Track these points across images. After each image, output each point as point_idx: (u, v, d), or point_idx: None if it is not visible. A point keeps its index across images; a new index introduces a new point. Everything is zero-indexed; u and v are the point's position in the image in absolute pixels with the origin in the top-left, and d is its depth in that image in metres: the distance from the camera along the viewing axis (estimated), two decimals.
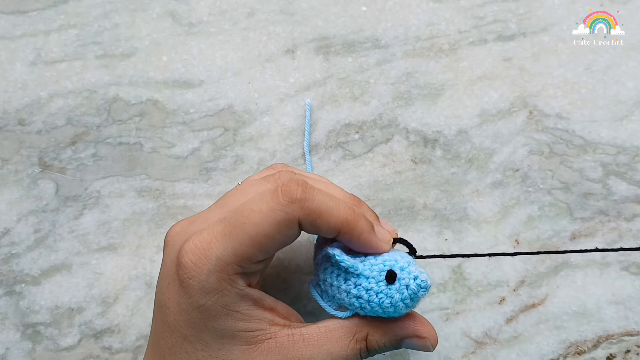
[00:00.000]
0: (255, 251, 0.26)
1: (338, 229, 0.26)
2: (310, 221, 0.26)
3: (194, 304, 0.26)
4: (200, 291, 0.26)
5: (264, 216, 0.25)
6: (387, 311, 0.28)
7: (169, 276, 0.27)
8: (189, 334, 0.26)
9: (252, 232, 0.25)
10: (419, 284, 0.27)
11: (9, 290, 0.38)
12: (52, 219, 0.39)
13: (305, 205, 0.26)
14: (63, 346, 0.38)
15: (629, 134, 0.38)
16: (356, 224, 0.27)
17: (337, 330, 0.28)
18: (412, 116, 0.39)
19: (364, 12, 0.40)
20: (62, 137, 0.40)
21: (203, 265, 0.26)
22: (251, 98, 0.40)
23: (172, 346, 0.27)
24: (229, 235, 0.26)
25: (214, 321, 0.26)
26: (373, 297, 0.27)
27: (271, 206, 0.26)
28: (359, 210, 0.28)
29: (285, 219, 0.25)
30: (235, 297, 0.26)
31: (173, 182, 0.39)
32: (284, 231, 0.26)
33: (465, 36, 0.40)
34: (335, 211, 0.26)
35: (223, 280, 0.26)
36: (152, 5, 0.41)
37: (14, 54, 0.41)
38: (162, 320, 0.27)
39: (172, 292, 0.27)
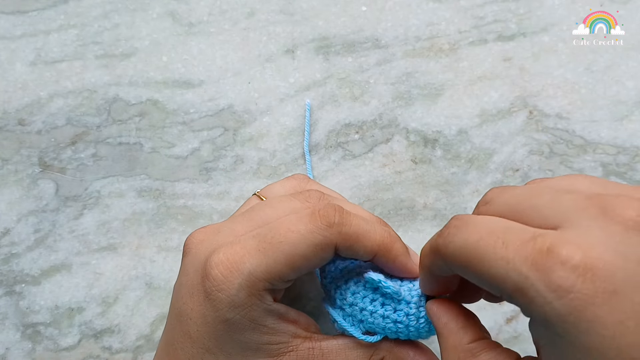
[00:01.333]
0: (289, 271, 0.26)
1: (375, 252, 0.27)
2: (348, 245, 0.26)
3: (220, 317, 0.26)
4: (228, 305, 0.26)
5: (302, 237, 0.25)
6: (422, 335, 0.28)
7: (193, 286, 0.27)
8: (212, 345, 0.26)
9: (288, 252, 0.25)
10: None
11: (9, 290, 0.38)
12: (52, 219, 0.39)
13: (343, 230, 0.26)
14: (63, 346, 0.38)
15: (629, 134, 0.38)
16: (392, 246, 0.27)
17: (355, 349, 0.28)
18: (412, 116, 0.39)
19: (364, 12, 0.40)
20: (62, 137, 0.40)
21: (234, 279, 0.25)
22: (251, 98, 0.40)
23: (193, 357, 0.27)
24: (263, 252, 0.26)
25: (239, 334, 0.26)
26: (413, 322, 0.27)
27: (310, 229, 0.26)
28: (394, 233, 0.28)
29: (323, 242, 0.26)
30: (263, 312, 0.26)
31: (173, 182, 0.39)
32: (320, 254, 0.26)
33: (465, 36, 0.40)
34: (372, 234, 0.27)
35: (253, 296, 0.26)
36: (152, 5, 0.41)
37: (14, 54, 0.41)
38: (183, 331, 0.27)
39: (195, 303, 0.27)
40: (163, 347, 0.29)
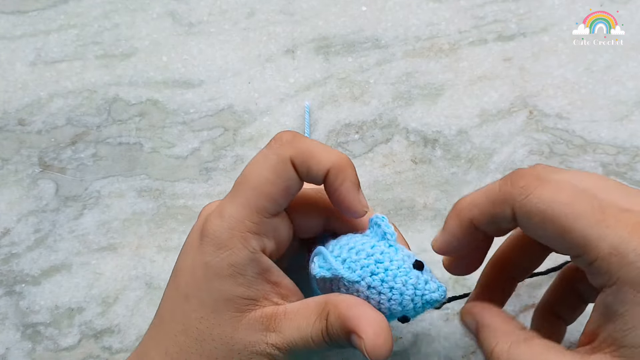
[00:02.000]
0: (262, 201, 0.27)
1: (327, 168, 0.27)
2: (302, 159, 0.27)
3: (203, 259, 0.27)
4: (213, 246, 0.27)
5: (259, 164, 0.27)
6: (404, 301, 0.27)
7: (193, 241, 0.28)
8: (190, 292, 0.27)
9: (253, 184, 0.27)
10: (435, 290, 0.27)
11: (9, 290, 0.38)
12: (52, 219, 0.39)
13: (295, 145, 0.27)
14: (63, 346, 0.38)
15: (629, 134, 0.38)
16: (346, 168, 0.27)
17: (310, 306, 0.27)
18: (412, 116, 0.39)
19: (364, 12, 0.40)
20: (62, 137, 0.40)
21: (219, 223, 0.27)
22: (251, 98, 0.40)
23: (173, 305, 0.28)
24: (237, 193, 0.27)
25: (217, 280, 0.27)
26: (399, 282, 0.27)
27: (264, 153, 0.27)
28: (351, 162, 0.28)
29: (279, 160, 0.27)
30: (245, 259, 0.27)
31: (173, 182, 0.39)
32: (282, 173, 0.27)
33: (465, 36, 0.40)
34: (325, 153, 0.27)
35: (234, 237, 0.26)
36: (152, 5, 0.41)
37: (14, 54, 0.41)
38: (173, 285, 0.28)
39: (189, 255, 0.28)
40: (158, 308, 0.30)
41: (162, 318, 0.29)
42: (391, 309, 0.27)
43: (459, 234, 0.27)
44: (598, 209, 0.22)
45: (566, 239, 0.22)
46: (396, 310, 0.27)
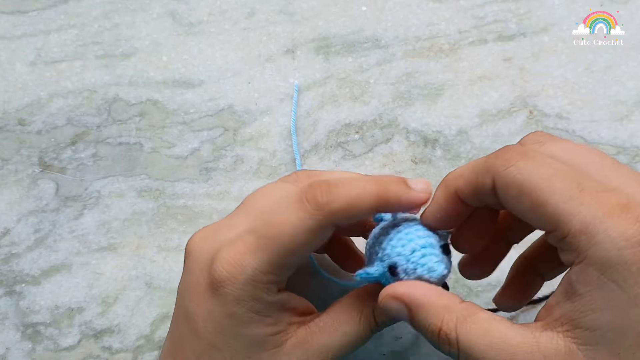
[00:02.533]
0: (291, 259, 0.26)
1: (375, 208, 0.26)
2: (345, 217, 0.26)
3: (226, 312, 0.26)
4: (235, 299, 0.26)
5: (295, 228, 0.26)
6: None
7: (199, 284, 0.27)
8: (218, 341, 0.27)
9: (286, 244, 0.26)
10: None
11: (9, 290, 0.38)
12: (52, 219, 0.39)
13: (334, 207, 0.25)
14: (63, 346, 0.38)
15: (629, 134, 0.38)
16: (387, 192, 0.26)
17: (345, 312, 0.28)
18: (412, 116, 0.39)
19: (364, 12, 0.40)
20: (62, 137, 0.40)
21: (239, 275, 0.26)
22: (251, 98, 0.40)
23: (200, 355, 0.27)
24: (264, 247, 0.26)
25: (245, 327, 0.26)
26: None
27: (301, 217, 0.26)
28: (384, 178, 0.27)
29: (317, 226, 0.26)
30: (268, 304, 0.27)
31: (173, 182, 0.39)
32: (318, 237, 0.26)
33: (465, 36, 0.40)
34: (363, 194, 0.26)
35: (258, 290, 0.26)
36: (152, 5, 0.41)
37: (14, 54, 0.41)
38: (190, 328, 0.27)
39: (202, 300, 0.27)
40: (168, 347, 0.29)
41: None
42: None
43: (444, 205, 0.26)
44: (576, 186, 0.22)
45: (540, 213, 0.22)
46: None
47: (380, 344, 0.37)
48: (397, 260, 0.26)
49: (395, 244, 0.27)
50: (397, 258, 0.27)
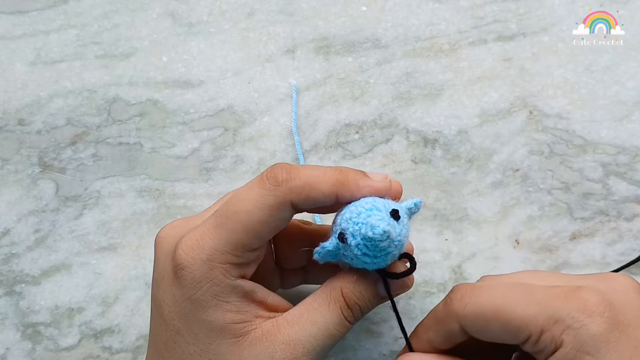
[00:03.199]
0: (250, 238, 0.26)
1: (334, 192, 0.26)
2: (304, 197, 0.26)
3: (186, 295, 0.26)
4: (192, 281, 0.26)
5: (254, 202, 0.26)
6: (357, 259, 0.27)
7: (164, 270, 0.27)
8: (181, 326, 0.27)
9: (244, 220, 0.26)
10: (369, 232, 0.26)
11: (9, 290, 0.38)
12: (52, 219, 0.39)
13: (293, 184, 0.26)
14: (63, 346, 0.38)
15: (629, 134, 0.38)
16: (348, 178, 0.27)
17: (314, 300, 0.28)
18: (412, 116, 0.39)
19: (364, 12, 0.40)
20: (62, 137, 0.40)
21: (196, 255, 0.26)
22: (251, 98, 0.40)
23: (167, 341, 0.27)
24: (221, 225, 0.26)
25: (204, 312, 0.26)
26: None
27: (259, 192, 0.26)
28: (344, 168, 0.28)
29: (276, 202, 0.26)
30: (226, 288, 0.26)
31: (173, 182, 0.39)
32: (276, 214, 0.26)
33: (465, 36, 0.40)
34: (323, 177, 0.26)
35: (215, 269, 0.26)
36: (152, 5, 0.41)
37: (14, 54, 0.41)
38: (159, 315, 0.28)
39: (167, 286, 0.27)
40: (149, 339, 0.29)
41: (160, 354, 0.28)
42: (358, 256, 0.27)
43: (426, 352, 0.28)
44: (528, 293, 0.25)
45: (509, 329, 0.24)
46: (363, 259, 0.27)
47: (380, 344, 0.37)
48: (344, 225, 0.27)
49: (344, 213, 0.27)
50: (345, 223, 0.27)
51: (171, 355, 0.27)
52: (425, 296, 0.37)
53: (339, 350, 0.37)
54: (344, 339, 0.37)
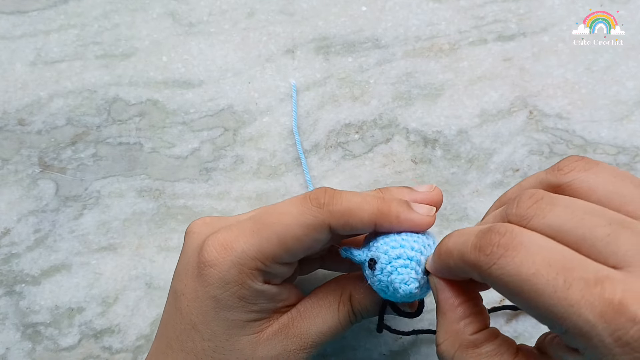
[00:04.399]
0: (281, 251, 0.26)
1: (373, 221, 0.27)
2: (343, 222, 0.26)
3: (209, 293, 0.27)
4: (219, 281, 0.26)
5: (293, 218, 0.26)
6: (387, 295, 0.28)
7: (190, 264, 0.28)
8: (199, 321, 0.27)
9: (280, 232, 0.26)
10: (398, 280, 0.26)
11: (9, 290, 0.38)
12: (52, 219, 0.39)
13: (334, 208, 0.26)
14: (63, 346, 0.38)
15: (629, 134, 0.38)
16: (390, 209, 0.27)
17: (326, 297, 0.29)
18: (412, 116, 0.39)
19: (364, 12, 0.40)
20: (62, 137, 0.40)
21: (227, 256, 0.26)
22: (251, 98, 0.40)
23: (180, 333, 0.28)
24: (257, 232, 0.26)
25: (226, 311, 0.27)
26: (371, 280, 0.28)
27: (300, 210, 0.26)
28: (388, 196, 0.28)
29: (315, 222, 0.26)
30: (254, 292, 0.27)
31: (173, 182, 0.39)
32: (313, 234, 0.26)
33: (465, 36, 0.40)
34: (364, 205, 0.26)
35: (243, 274, 0.26)
36: (152, 5, 0.41)
37: (14, 54, 0.41)
38: (175, 307, 0.28)
39: (190, 279, 0.27)
40: (158, 331, 0.30)
41: (169, 345, 0.28)
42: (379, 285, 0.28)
43: (439, 273, 0.26)
44: (563, 285, 0.20)
45: (532, 312, 0.21)
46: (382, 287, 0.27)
47: (380, 344, 0.37)
48: (380, 257, 0.27)
49: (388, 242, 0.27)
50: (382, 255, 0.27)
51: (182, 348, 0.27)
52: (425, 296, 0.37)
53: (339, 350, 0.37)
54: (343, 338, 0.37)
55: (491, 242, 0.22)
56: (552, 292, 0.20)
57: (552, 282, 0.20)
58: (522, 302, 0.21)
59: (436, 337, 0.25)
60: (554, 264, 0.21)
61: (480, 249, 0.22)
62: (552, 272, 0.20)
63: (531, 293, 0.21)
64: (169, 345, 0.28)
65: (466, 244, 0.23)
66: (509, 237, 0.22)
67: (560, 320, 0.20)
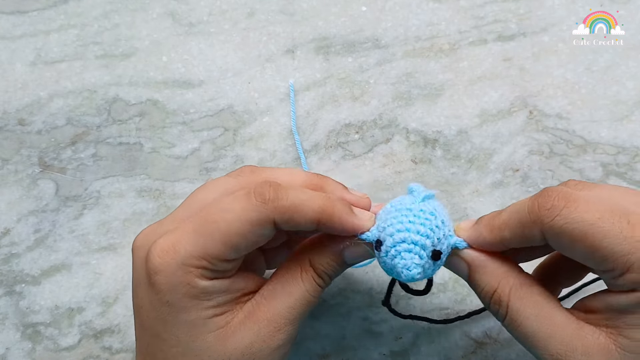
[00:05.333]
0: (227, 249, 0.26)
1: (317, 219, 0.26)
2: (287, 218, 0.26)
3: (162, 299, 0.26)
4: (167, 285, 0.26)
5: (236, 216, 0.26)
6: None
7: (141, 276, 0.27)
8: (161, 330, 0.27)
9: (223, 230, 0.26)
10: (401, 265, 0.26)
11: (9, 290, 0.38)
12: (52, 219, 0.39)
13: (279, 204, 0.26)
14: (63, 346, 0.38)
15: (629, 134, 0.38)
16: (334, 209, 0.27)
17: (287, 271, 0.28)
18: (412, 116, 0.39)
19: (364, 12, 0.40)
20: (62, 137, 0.40)
21: (171, 260, 0.26)
22: (251, 98, 0.40)
23: (149, 346, 0.27)
24: (200, 232, 0.26)
25: (184, 314, 0.26)
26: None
27: (244, 206, 0.26)
28: (333, 197, 0.28)
29: (259, 218, 0.26)
30: (204, 289, 0.26)
31: (173, 182, 0.39)
32: (257, 230, 0.26)
33: (465, 36, 0.40)
34: (309, 202, 0.26)
35: (190, 274, 0.26)
36: (152, 5, 0.41)
37: (14, 54, 0.41)
38: (138, 322, 0.28)
39: (143, 291, 0.27)
40: (135, 347, 0.29)
41: (144, 359, 0.28)
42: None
43: (490, 246, 0.27)
44: (627, 224, 0.23)
45: (594, 257, 0.23)
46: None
47: (380, 344, 0.37)
48: (386, 239, 0.27)
49: (395, 223, 0.27)
50: (387, 238, 0.27)
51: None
52: (425, 297, 0.37)
53: (339, 350, 0.37)
54: (343, 338, 0.37)
55: (550, 198, 0.24)
56: (618, 232, 0.23)
57: (618, 224, 0.23)
58: (584, 247, 0.23)
59: (482, 290, 0.26)
60: (615, 209, 0.23)
61: (539, 206, 0.24)
62: (615, 216, 0.23)
63: (597, 235, 0.23)
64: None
65: (522, 210, 0.25)
66: (566, 193, 0.24)
67: (625, 258, 0.22)
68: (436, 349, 0.37)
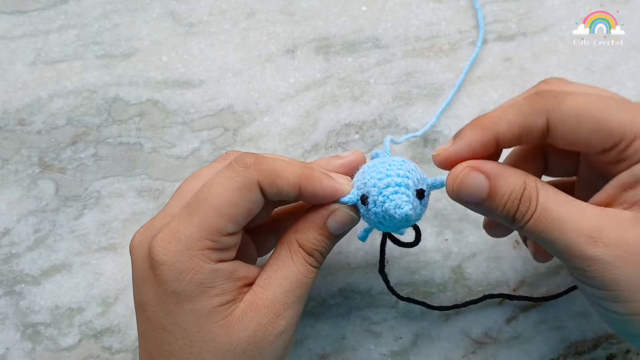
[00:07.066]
0: (224, 221, 0.26)
1: (298, 183, 0.27)
2: (270, 181, 0.27)
3: (168, 289, 0.26)
4: (173, 274, 0.26)
5: (223, 186, 0.26)
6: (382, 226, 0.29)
7: (143, 272, 0.28)
8: (167, 322, 0.27)
9: (215, 204, 0.26)
10: (390, 207, 0.27)
11: (9, 290, 0.38)
12: (52, 219, 0.39)
13: (261, 167, 0.27)
14: (63, 346, 0.38)
15: None
16: (313, 173, 0.28)
17: (277, 259, 0.29)
18: (412, 116, 0.39)
19: (364, 12, 0.40)
20: (62, 137, 0.40)
21: (173, 247, 0.26)
22: (251, 98, 0.40)
23: (156, 341, 0.28)
24: (194, 213, 0.27)
25: (190, 302, 0.26)
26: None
27: (228, 175, 0.27)
28: (312, 164, 0.29)
29: (245, 182, 0.26)
30: (210, 273, 0.27)
31: (173, 182, 0.39)
32: (247, 195, 0.27)
33: (465, 36, 0.40)
34: (290, 168, 0.27)
35: (195, 257, 0.26)
36: (152, 5, 0.41)
37: (14, 54, 0.41)
38: (144, 318, 0.28)
39: (148, 286, 0.27)
40: (139, 346, 0.29)
41: (151, 356, 0.28)
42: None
43: (476, 147, 0.27)
44: (623, 104, 0.25)
45: (603, 131, 0.25)
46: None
47: (380, 344, 0.37)
48: (371, 191, 0.28)
49: (374, 175, 0.28)
50: (371, 189, 0.28)
51: (161, 354, 0.27)
52: (426, 296, 0.37)
53: (339, 350, 0.37)
54: (343, 338, 0.37)
55: (547, 89, 0.26)
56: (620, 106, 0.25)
57: (614, 105, 0.25)
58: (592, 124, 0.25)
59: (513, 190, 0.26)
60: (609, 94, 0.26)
61: (545, 95, 0.26)
62: (610, 100, 0.25)
63: (604, 110, 0.25)
64: (151, 357, 0.28)
65: (519, 103, 0.26)
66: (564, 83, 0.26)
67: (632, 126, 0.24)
68: (436, 349, 0.37)
